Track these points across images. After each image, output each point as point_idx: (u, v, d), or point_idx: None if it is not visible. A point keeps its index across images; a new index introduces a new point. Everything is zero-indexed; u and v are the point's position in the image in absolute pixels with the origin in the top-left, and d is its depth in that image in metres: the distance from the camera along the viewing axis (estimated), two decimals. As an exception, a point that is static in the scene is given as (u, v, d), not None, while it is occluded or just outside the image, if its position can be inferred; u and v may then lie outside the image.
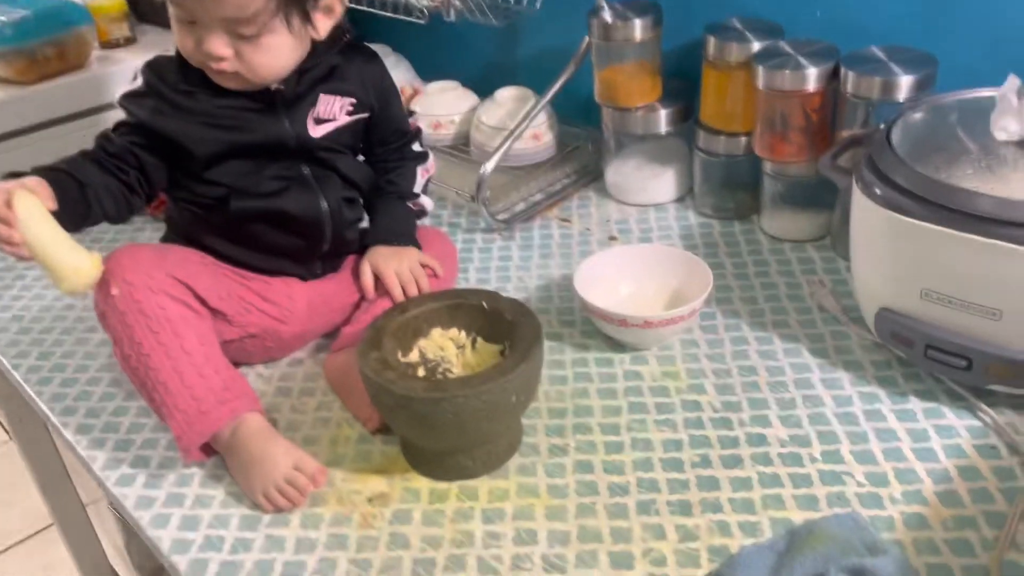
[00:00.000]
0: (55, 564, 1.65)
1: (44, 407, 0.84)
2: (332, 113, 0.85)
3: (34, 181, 0.71)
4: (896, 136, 0.76)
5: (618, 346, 0.86)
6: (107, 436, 0.80)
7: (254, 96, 0.81)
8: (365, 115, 0.88)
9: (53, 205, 0.71)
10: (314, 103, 0.84)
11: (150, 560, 1.58)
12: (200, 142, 0.80)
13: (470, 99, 1.25)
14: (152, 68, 0.82)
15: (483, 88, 1.24)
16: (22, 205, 0.68)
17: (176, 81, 0.81)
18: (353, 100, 0.87)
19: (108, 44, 1.46)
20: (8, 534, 1.74)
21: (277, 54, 0.78)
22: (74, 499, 1.36)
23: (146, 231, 1.16)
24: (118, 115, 0.83)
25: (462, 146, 1.23)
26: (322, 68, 0.85)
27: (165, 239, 0.89)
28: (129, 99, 0.82)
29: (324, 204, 0.85)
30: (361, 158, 0.92)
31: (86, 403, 0.84)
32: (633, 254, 0.92)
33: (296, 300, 0.86)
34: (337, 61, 0.86)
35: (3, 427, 1.99)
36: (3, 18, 1.25)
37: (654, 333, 0.82)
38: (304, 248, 0.87)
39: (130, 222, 1.17)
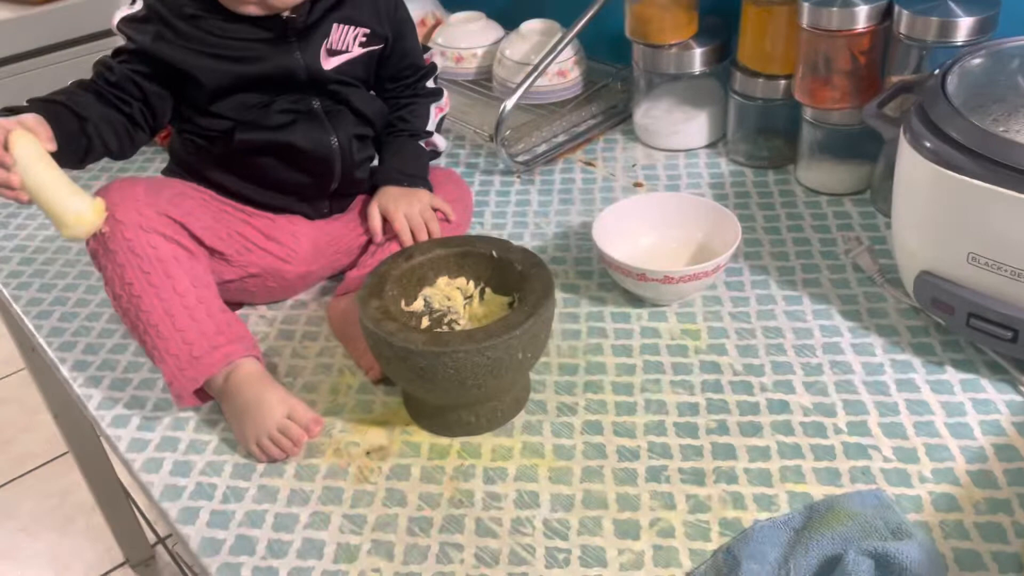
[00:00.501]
0: (73, 487, 1.67)
1: (42, 341, 0.82)
2: (345, 44, 0.80)
3: (32, 119, 0.66)
4: (951, 84, 0.69)
5: (636, 300, 0.81)
6: (104, 374, 0.77)
7: (264, 24, 0.76)
8: (379, 47, 0.83)
9: (53, 146, 0.66)
10: (327, 33, 0.79)
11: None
12: (208, 73, 0.75)
13: (495, 31, 1.19)
14: None
15: (509, 20, 1.18)
16: (20, 147, 0.64)
17: (180, 5, 0.76)
18: (367, 30, 0.81)
19: (121, -36, 1.40)
20: (29, 458, 1.77)
21: None
22: (87, 428, 1.36)
23: (155, 162, 1.12)
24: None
25: (484, 81, 1.17)
26: None
27: (167, 171, 0.85)
28: (128, 24, 0.77)
29: (334, 140, 0.81)
30: (372, 93, 0.87)
31: (85, 339, 0.82)
32: (657, 203, 0.87)
33: (301, 239, 0.82)
34: None
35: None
36: (11, -67, 1.20)
37: (675, 289, 0.77)
38: (312, 185, 0.82)
39: (140, 152, 1.14)
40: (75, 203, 0.66)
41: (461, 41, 1.18)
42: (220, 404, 0.71)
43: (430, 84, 0.91)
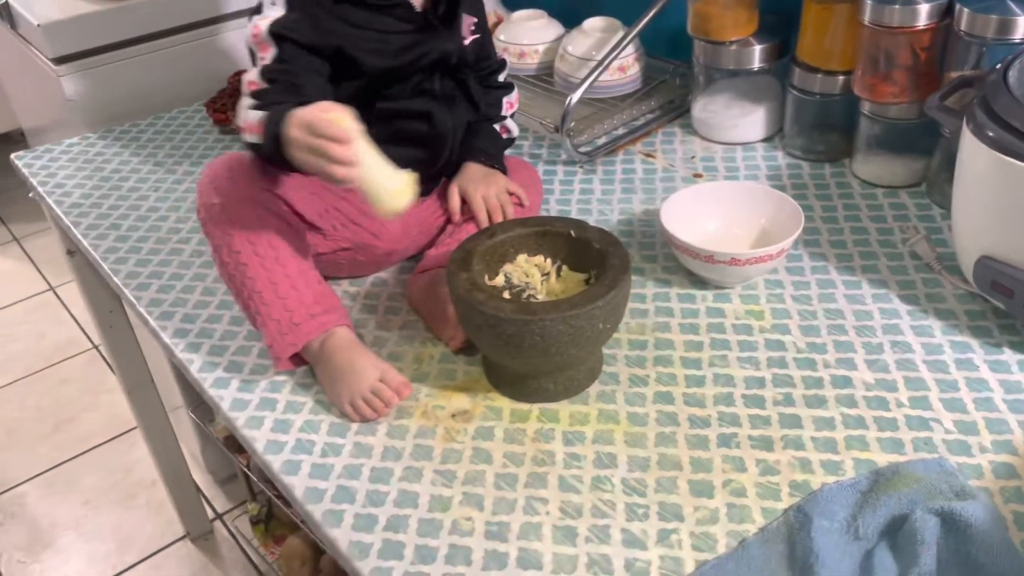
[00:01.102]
0: (134, 464, 1.74)
1: (143, 311, 0.88)
2: (465, 32, 0.86)
3: (331, 104, 0.67)
4: (1012, 77, 0.73)
5: (701, 283, 0.85)
6: (202, 341, 0.83)
7: (405, 17, 0.81)
8: (479, 36, 0.88)
9: (361, 127, 0.68)
10: (461, 20, 0.85)
11: (223, 467, 1.66)
12: (372, 65, 0.79)
13: (555, 28, 1.23)
14: None
15: (568, 18, 1.22)
16: (352, 127, 0.66)
17: None
18: (475, 20, 0.87)
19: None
20: (92, 435, 1.84)
21: None
22: (157, 405, 1.43)
23: (224, 141, 1.18)
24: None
25: (545, 76, 1.22)
26: None
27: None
28: (281, 26, 0.76)
29: (450, 120, 0.86)
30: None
31: (182, 309, 0.87)
32: (721, 190, 0.91)
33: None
34: None
35: (87, 336, 2.09)
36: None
37: (740, 271, 0.81)
38: (422, 161, 0.85)
39: (208, 131, 1.21)
40: (397, 180, 0.69)
41: (523, 38, 1.23)
42: (315, 368, 0.76)
43: (501, 78, 0.96)
